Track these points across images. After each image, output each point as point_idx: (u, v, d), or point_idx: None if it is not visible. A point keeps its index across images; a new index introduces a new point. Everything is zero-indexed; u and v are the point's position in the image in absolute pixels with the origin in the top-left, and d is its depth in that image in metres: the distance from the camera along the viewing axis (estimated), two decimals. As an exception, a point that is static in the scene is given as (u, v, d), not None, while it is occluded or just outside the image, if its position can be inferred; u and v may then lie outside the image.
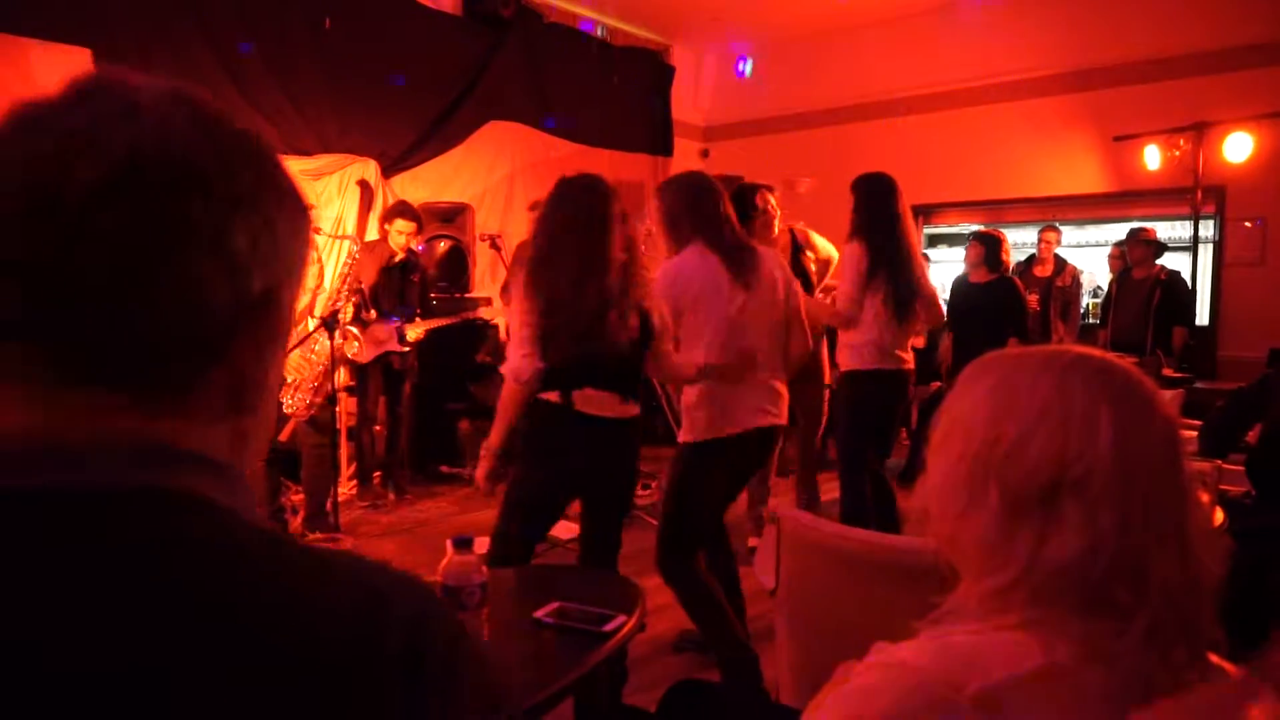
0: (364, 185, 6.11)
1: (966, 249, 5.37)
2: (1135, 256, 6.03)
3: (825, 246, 4.48)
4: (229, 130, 0.55)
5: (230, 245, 0.51)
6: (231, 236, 0.51)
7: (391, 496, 5.04)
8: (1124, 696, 0.72)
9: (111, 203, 0.47)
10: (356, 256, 4.14)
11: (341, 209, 5.95)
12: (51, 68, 4.77)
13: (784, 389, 2.93)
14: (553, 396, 2.45)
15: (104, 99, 0.51)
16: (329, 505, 4.17)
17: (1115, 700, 0.72)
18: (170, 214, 0.49)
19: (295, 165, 5.70)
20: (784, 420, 2.92)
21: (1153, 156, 6.35)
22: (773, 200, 3.93)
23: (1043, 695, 0.71)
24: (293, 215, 0.57)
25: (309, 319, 4.08)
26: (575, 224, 2.46)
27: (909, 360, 3.70)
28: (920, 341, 4.49)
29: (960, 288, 5.39)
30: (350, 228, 5.98)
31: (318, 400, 4.09)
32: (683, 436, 2.82)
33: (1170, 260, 6.15)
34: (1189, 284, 6.16)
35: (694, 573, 2.73)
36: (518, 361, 2.40)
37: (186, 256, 0.49)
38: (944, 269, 8.13)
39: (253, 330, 0.53)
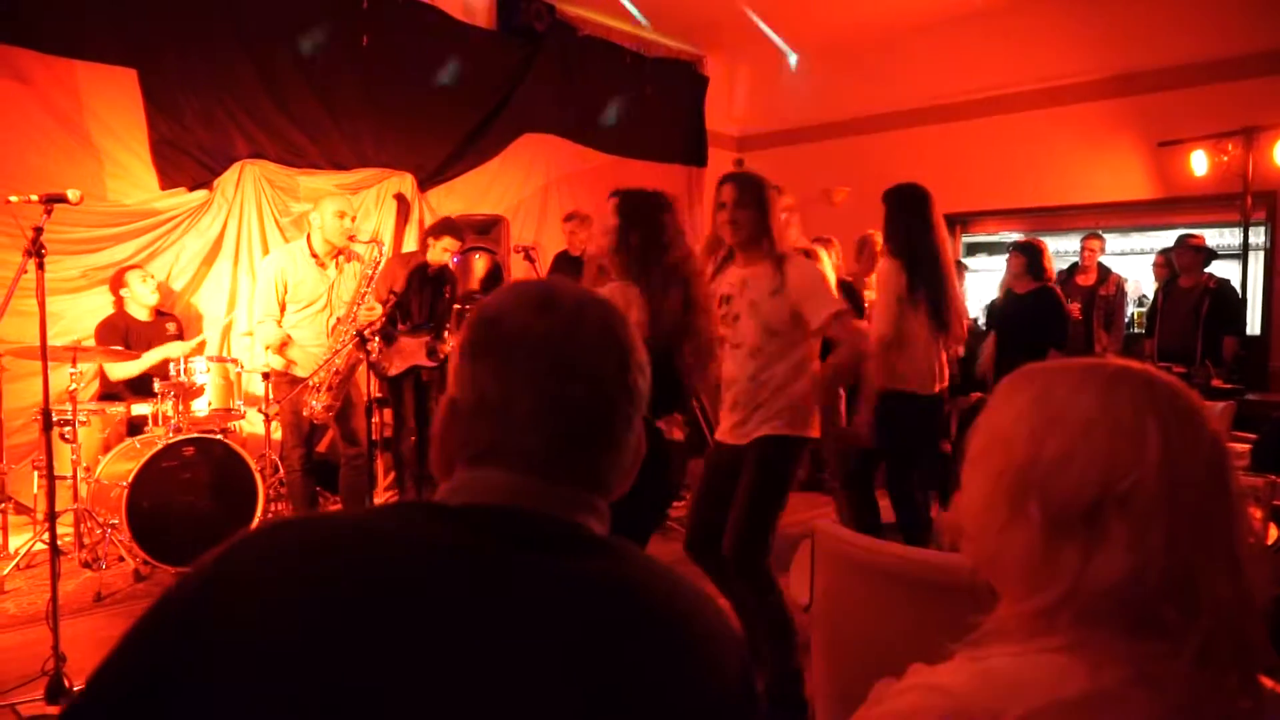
0: (400, 199, 6.19)
1: (1008, 259, 5.27)
2: (1183, 264, 5.87)
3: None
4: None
5: (644, 401, 0.83)
6: (645, 396, 0.82)
7: None
8: None
9: (619, 389, 0.80)
10: (380, 261, 4.17)
11: (379, 222, 6.03)
12: (99, 88, 4.91)
13: None
14: None
15: (586, 316, 0.80)
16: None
17: None
18: (636, 392, 0.81)
19: (333, 179, 5.80)
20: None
21: (1200, 162, 6.19)
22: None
23: None
24: None
25: (343, 328, 4.11)
26: (650, 247, 2.53)
27: (945, 379, 3.61)
28: (960, 350, 4.40)
29: (1006, 297, 5.31)
30: (387, 240, 6.05)
31: (336, 403, 4.09)
32: (774, 430, 2.75)
33: (1219, 268, 5.98)
34: (1239, 292, 5.99)
35: (773, 576, 2.74)
36: None
37: (634, 418, 0.82)
38: (983, 278, 8.01)
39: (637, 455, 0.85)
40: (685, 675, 0.71)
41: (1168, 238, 6.57)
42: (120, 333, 4.55)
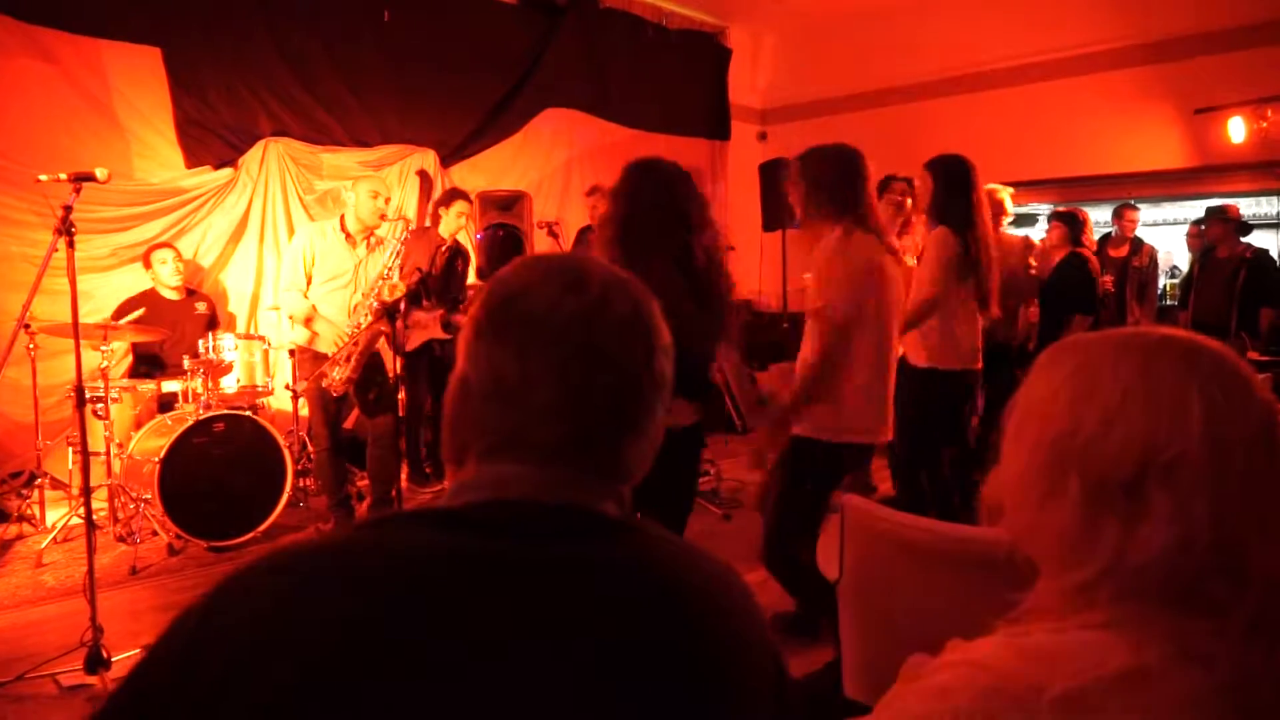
0: (423, 175, 6.19)
1: (1048, 230, 5.18)
2: (1216, 235, 5.74)
3: None
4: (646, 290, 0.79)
5: (669, 387, 0.78)
6: (670, 381, 0.78)
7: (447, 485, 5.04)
8: (1220, 701, 0.67)
9: (647, 376, 0.74)
10: (405, 238, 4.16)
11: (402, 199, 6.03)
12: (124, 67, 4.93)
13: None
14: None
15: (613, 299, 0.74)
16: (394, 492, 4.24)
17: (1210, 705, 0.67)
18: (662, 378, 0.76)
19: (356, 156, 5.80)
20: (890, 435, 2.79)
21: (1237, 129, 6.04)
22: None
23: (1129, 699, 0.66)
24: None
25: (365, 303, 4.12)
26: (651, 222, 2.31)
27: (980, 354, 3.56)
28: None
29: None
30: (411, 217, 6.06)
31: (355, 375, 4.10)
32: (812, 433, 2.63)
33: (1257, 239, 5.84)
34: (1278, 263, 5.85)
35: (805, 564, 2.66)
36: None
37: (658, 405, 0.76)
38: (1012, 250, 7.88)
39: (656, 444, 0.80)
40: (712, 656, 0.68)
41: (1202, 207, 6.43)
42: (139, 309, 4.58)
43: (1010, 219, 4.41)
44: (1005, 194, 4.30)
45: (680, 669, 0.65)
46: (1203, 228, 5.97)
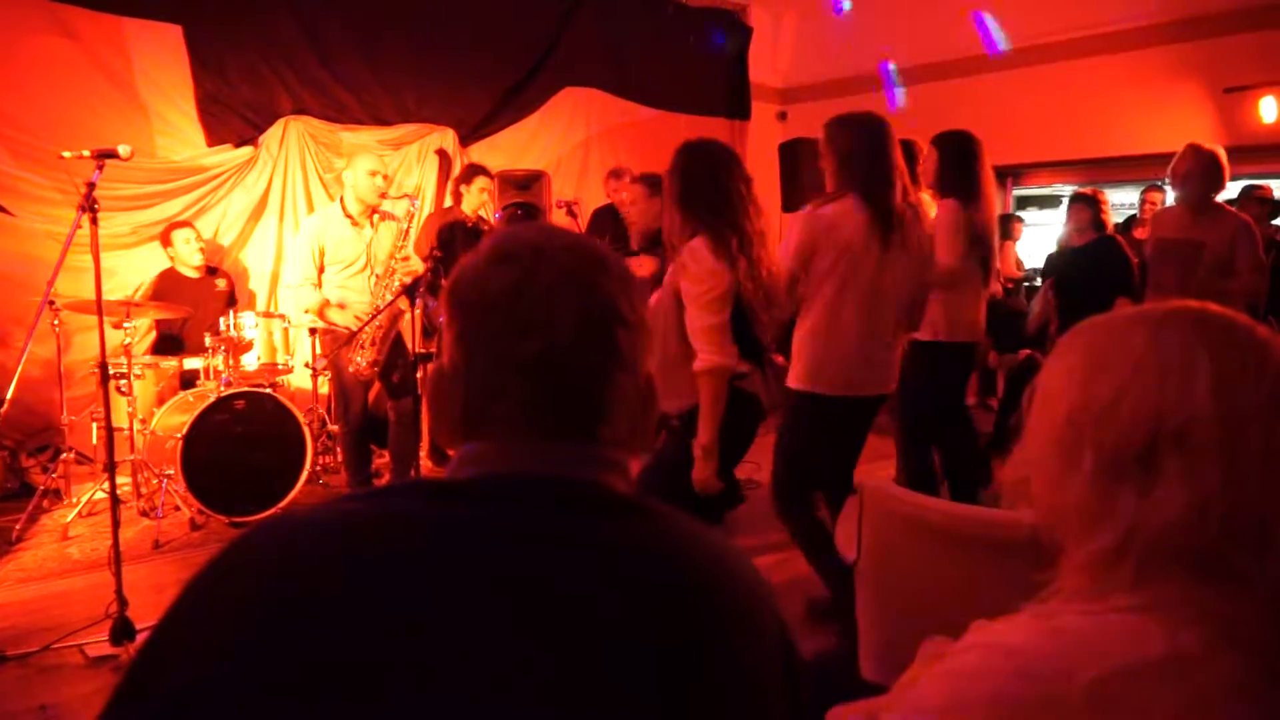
0: (442, 154, 6.18)
1: (1069, 212, 5.10)
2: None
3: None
4: (617, 258, 0.77)
5: (633, 353, 0.74)
6: (639, 351, 0.75)
7: None
8: (1267, 687, 0.65)
9: (589, 341, 0.71)
10: (413, 211, 4.13)
11: (421, 178, 6.03)
12: (146, 45, 4.94)
13: (898, 356, 2.93)
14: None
15: (543, 265, 0.71)
16: (413, 470, 4.26)
17: (1255, 692, 0.65)
18: (613, 343, 0.72)
19: (375, 135, 5.80)
20: (892, 388, 2.91)
21: (1269, 108, 5.91)
22: None
23: (1167, 688, 0.65)
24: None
25: (383, 284, 4.12)
26: (730, 197, 2.46)
27: (981, 328, 3.65)
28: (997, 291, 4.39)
29: (1063, 252, 5.16)
30: (429, 196, 6.05)
31: (381, 358, 4.10)
32: (796, 383, 2.78)
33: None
34: (1309, 246, 5.74)
35: (807, 515, 2.82)
36: (729, 353, 2.40)
37: (617, 373, 0.73)
38: (1036, 232, 7.79)
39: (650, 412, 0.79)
40: (725, 641, 0.66)
41: (1232, 189, 6.30)
42: (167, 290, 4.63)
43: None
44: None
45: (689, 656, 0.63)
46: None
